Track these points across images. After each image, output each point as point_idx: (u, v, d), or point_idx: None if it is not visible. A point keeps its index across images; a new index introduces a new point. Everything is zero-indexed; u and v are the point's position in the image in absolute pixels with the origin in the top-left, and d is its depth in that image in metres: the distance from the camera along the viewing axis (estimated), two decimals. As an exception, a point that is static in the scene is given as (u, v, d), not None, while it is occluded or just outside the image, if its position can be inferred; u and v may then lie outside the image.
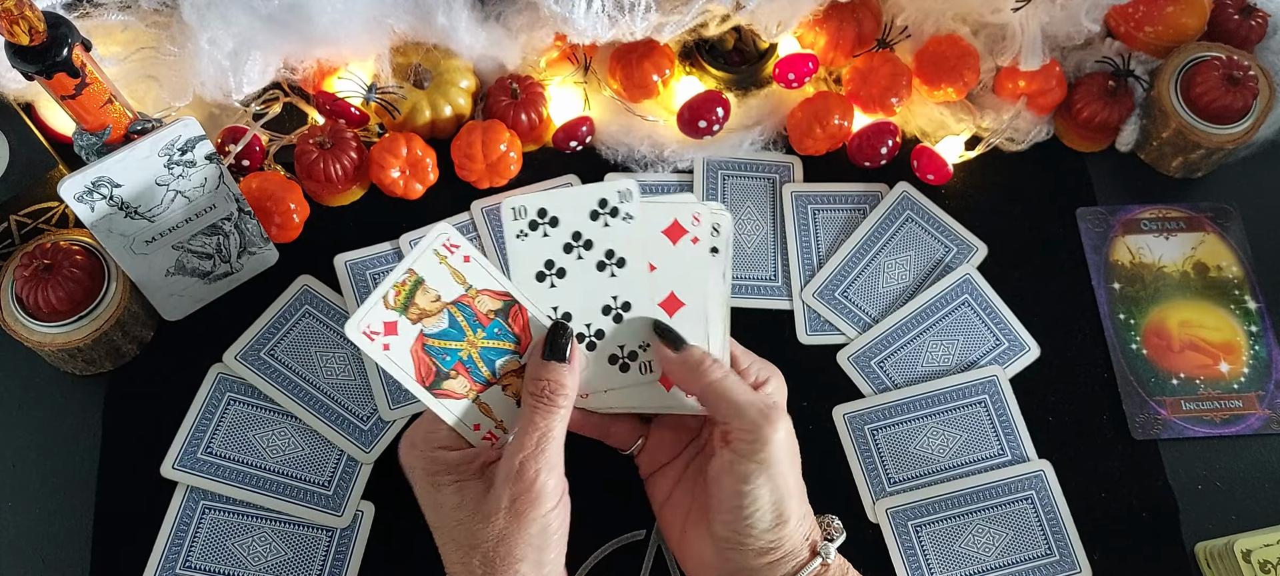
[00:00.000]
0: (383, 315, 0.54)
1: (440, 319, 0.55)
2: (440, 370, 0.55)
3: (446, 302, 0.55)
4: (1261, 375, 0.71)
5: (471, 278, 0.55)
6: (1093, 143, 0.79)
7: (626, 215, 0.57)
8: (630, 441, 0.62)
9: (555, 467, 0.53)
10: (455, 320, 0.55)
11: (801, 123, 0.76)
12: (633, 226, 0.57)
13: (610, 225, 0.57)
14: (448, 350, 0.55)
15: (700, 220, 0.58)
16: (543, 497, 0.52)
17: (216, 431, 0.67)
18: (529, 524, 0.51)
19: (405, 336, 0.54)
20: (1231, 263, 0.75)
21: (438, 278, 0.55)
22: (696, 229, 0.58)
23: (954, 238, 0.75)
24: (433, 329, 0.55)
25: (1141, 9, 0.77)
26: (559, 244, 0.57)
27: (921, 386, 0.70)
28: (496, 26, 0.74)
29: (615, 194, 0.56)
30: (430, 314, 0.54)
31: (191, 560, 0.64)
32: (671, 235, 0.59)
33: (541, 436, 0.53)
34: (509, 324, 0.56)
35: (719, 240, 0.59)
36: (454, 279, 0.55)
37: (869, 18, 0.77)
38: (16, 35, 0.56)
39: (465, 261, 0.55)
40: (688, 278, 0.58)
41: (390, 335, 0.54)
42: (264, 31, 0.69)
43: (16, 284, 0.65)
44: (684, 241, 0.58)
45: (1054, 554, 0.66)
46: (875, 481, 0.68)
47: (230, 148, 0.72)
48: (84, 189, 0.60)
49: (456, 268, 0.55)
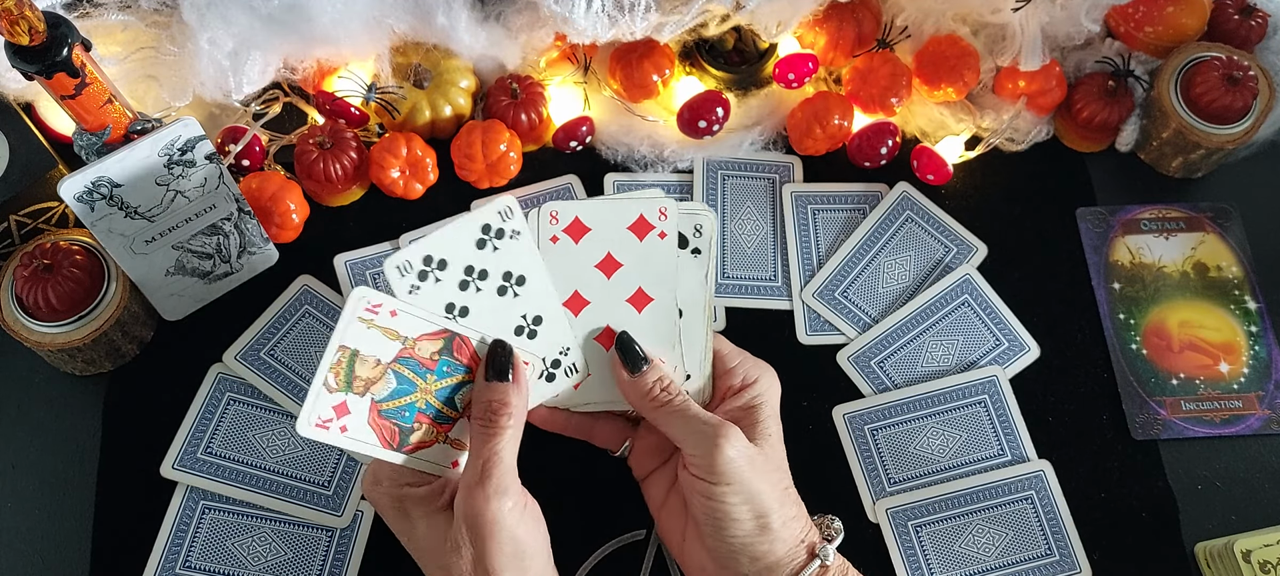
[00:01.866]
0: (329, 400, 0.51)
1: (387, 381, 0.53)
2: (402, 427, 0.54)
3: (387, 364, 0.53)
4: (1261, 375, 0.71)
5: (404, 330, 0.53)
6: (1093, 143, 0.79)
7: (513, 232, 0.55)
8: (617, 442, 0.62)
9: (507, 490, 0.52)
10: (402, 376, 0.53)
11: (801, 123, 0.76)
12: (522, 241, 0.55)
13: (500, 248, 0.55)
14: (403, 407, 0.54)
15: (666, 215, 0.57)
16: (499, 522, 0.51)
17: (216, 431, 0.67)
18: (498, 548, 0.51)
19: (358, 411, 0.52)
20: (1231, 263, 0.75)
21: (371, 343, 0.52)
22: (663, 224, 0.57)
23: (954, 238, 0.75)
24: (382, 393, 0.53)
25: (1141, 9, 0.77)
26: (454, 283, 0.55)
27: (921, 386, 0.70)
28: (496, 26, 0.74)
29: (496, 215, 0.55)
30: (376, 380, 0.52)
31: (191, 560, 0.64)
32: (638, 231, 0.58)
33: (486, 462, 0.52)
34: (455, 357, 0.55)
35: (702, 241, 0.59)
36: (387, 337, 0.53)
37: (869, 18, 0.77)
38: (16, 35, 0.56)
39: (392, 316, 0.53)
40: (656, 272, 0.58)
41: (343, 416, 0.52)
42: (264, 31, 0.69)
43: (16, 284, 0.65)
44: (651, 237, 0.58)
45: (1054, 554, 0.66)
46: (875, 481, 0.68)
47: (230, 148, 0.72)
48: (84, 189, 0.60)
49: (386, 326, 0.53)
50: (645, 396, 0.57)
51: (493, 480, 0.52)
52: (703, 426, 0.55)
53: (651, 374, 0.57)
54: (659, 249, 0.58)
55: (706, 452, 0.54)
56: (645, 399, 0.57)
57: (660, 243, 0.58)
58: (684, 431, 0.55)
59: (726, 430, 0.54)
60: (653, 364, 0.57)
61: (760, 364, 0.60)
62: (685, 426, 0.55)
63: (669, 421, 0.56)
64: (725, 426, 0.55)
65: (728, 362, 0.60)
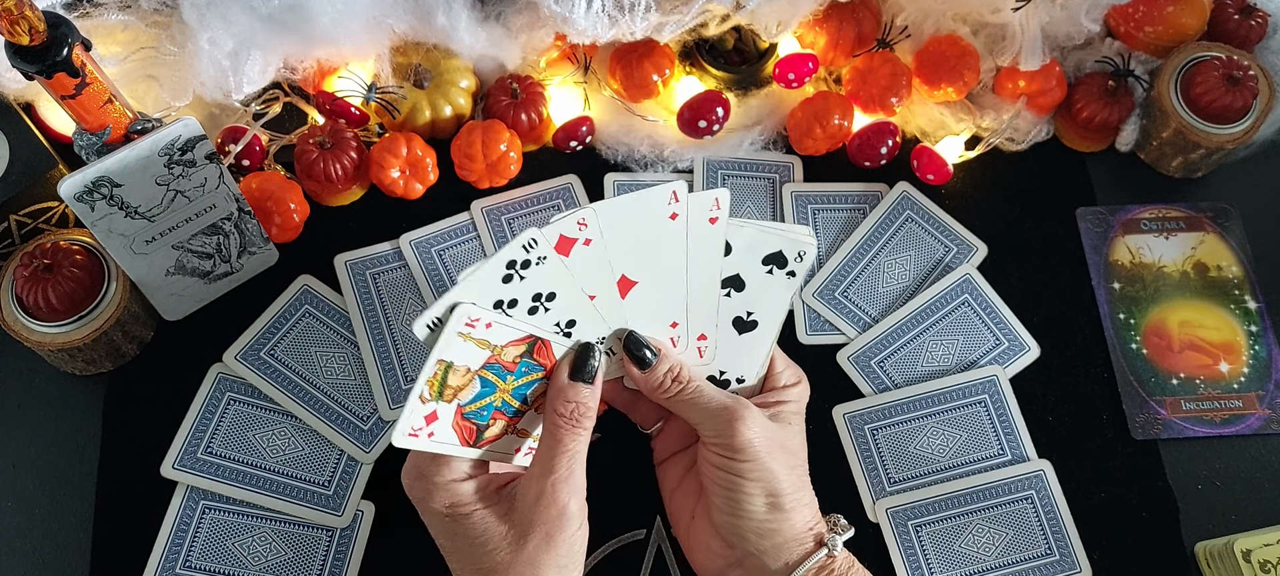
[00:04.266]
0: (421, 410, 0.52)
1: (473, 386, 0.54)
2: (480, 426, 0.55)
3: (475, 370, 0.54)
4: (1261, 375, 0.71)
5: (495, 339, 0.54)
6: (1093, 143, 0.79)
7: (539, 259, 0.55)
8: (651, 421, 0.63)
9: (581, 489, 0.54)
10: (486, 380, 0.54)
11: (801, 122, 0.76)
12: (548, 265, 0.55)
13: (527, 276, 0.55)
14: (483, 407, 0.55)
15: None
16: (570, 520, 0.52)
17: (216, 431, 0.67)
18: (558, 546, 0.52)
19: (445, 417, 0.53)
20: (1231, 262, 0.75)
21: (465, 354, 0.53)
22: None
23: (954, 237, 0.75)
24: (468, 398, 0.54)
25: (1141, 9, 0.77)
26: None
27: (921, 386, 0.70)
28: (496, 26, 0.74)
29: (521, 250, 0.54)
30: (464, 387, 0.54)
31: (191, 560, 0.64)
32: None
33: (571, 457, 0.53)
34: (535, 358, 0.56)
35: (800, 266, 0.58)
36: (479, 348, 0.54)
37: (869, 17, 0.77)
38: (17, 35, 0.56)
39: (488, 328, 0.53)
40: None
41: (432, 423, 0.53)
42: (264, 31, 0.69)
43: (16, 284, 0.65)
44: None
45: (1054, 553, 0.66)
46: (875, 481, 0.68)
47: (230, 147, 0.72)
48: (84, 189, 0.60)
49: (482, 338, 0.54)
50: (658, 388, 0.57)
51: (575, 476, 0.53)
52: (720, 407, 0.56)
53: (661, 365, 0.57)
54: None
55: (725, 430, 0.55)
56: (658, 391, 0.57)
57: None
58: (701, 415, 0.56)
59: (745, 408, 0.55)
60: (662, 355, 0.57)
61: (798, 370, 0.61)
62: (702, 410, 0.56)
63: (685, 408, 0.57)
64: (743, 403, 0.56)
65: (774, 366, 0.61)
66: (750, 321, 0.59)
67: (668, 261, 0.57)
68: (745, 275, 0.59)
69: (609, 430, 0.65)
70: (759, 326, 0.59)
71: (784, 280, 0.59)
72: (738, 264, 0.58)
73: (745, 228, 0.58)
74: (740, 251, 0.58)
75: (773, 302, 0.59)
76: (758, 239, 0.58)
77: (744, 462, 0.54)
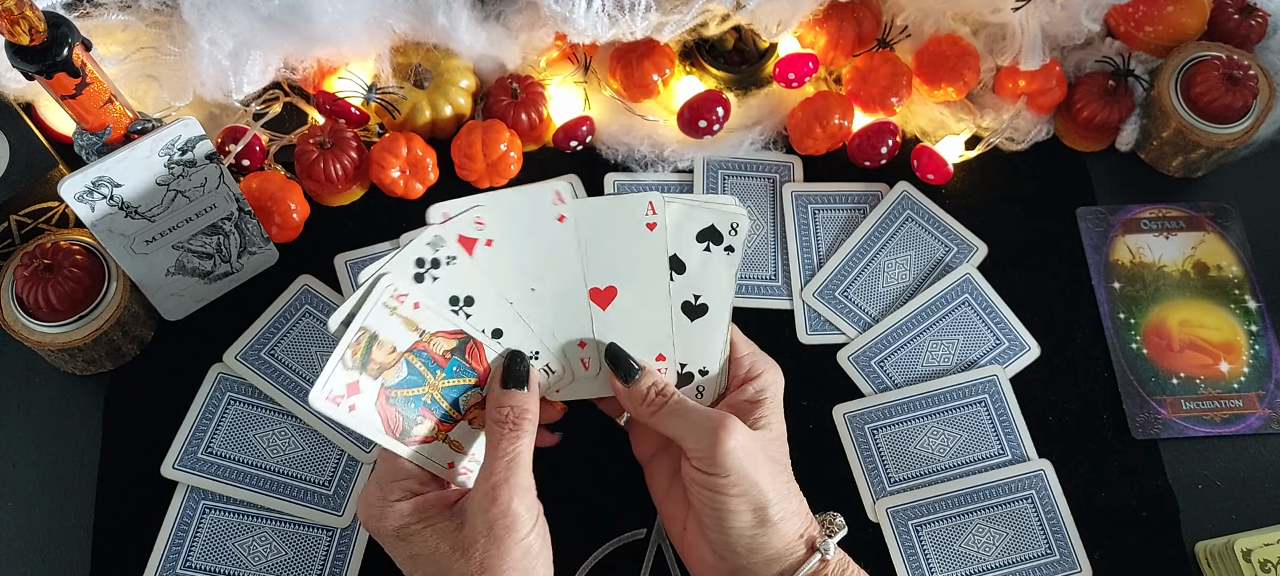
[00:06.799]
0: (344, 376, 0.53)
1: (399, 369, 0.54)
2: (407, 417, 0.55)
3: (402, 352, 0.54)
4: (1261, 375, 0.71)
5: (424, 323, 0.55)
6: (1093, 142, 0.79)
7: (449, 258, 0.56)
8: (618, 410, 0.63)
9: (527, 490, 0.53)
10: (414, 367, 0.55)
11: (801, 122, 0.76)
12: (459, 265, 0.56)
13: (439, 276, 0.56)
14: (410, 398, 0.55)
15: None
16: (519, 521, 0.52)
17: (217, 431, 0.67)
18: (509, 549, 0.51)
19: (368, 393, 0.53)
20: (1231, 262, 0.75)
21: (390, 329, 0.54)
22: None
23: (954, 237, 0.75)
24: (393, 380, 0.54)
25: (1141, 9, 0.77)
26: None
27: (921, 386, 0.70)
28: (496, 26, 0.74)
29: (427, 248, 0.55)
30: (388, 365, 0.54)
31: (192, 560, 0.64)
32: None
33: (510, 460, 0.53)
34: (467, 360, 0.56)
35: (736, 239, 0.59)
36: (407, 327, 0.54)
37: (869, 17, 0.77)
38: (17, 35, 0.56)
39: (415, 308, 0.54)
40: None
41: (353, 395, 0.53)
42: (264, 31, 0.69)
43: (16, 284, 0.65)
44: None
45: (1054, 553, 0.66)
46: (875, 481, 0.68)
47: (230, 147, 0.72)
48: (84, 189, 0.60)
49: (408, 316, 0.54)
50: (642, 402, 0.57)
51: (515, 478, 0.53)
52: (702, 421, 0.55)
53: (645, 380, 0.58)
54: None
55: (707, 446, 0.54)
56: (642, 405, 0.57)
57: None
58: (684, 429, 0.56)
59: (727, 422, 0.55)
60: (645, 370, 0.58)
61: (767, 358, 0.60)
62: (684, 424, 0.56)
63: (668, 422, 0.57)
64: (726, 419, 0.55)
65: (737, 352, 0.60)
66: (700, 305, 0.59)
67: (568, 270, 0.58)
68: (683, 255, 0.58)
69: (609, 430, 0.65)
70: (710, 310, 0.59)
71: (723, 256, 0.58)
72: (673, 243, 0.58)
73: (672, 203, 0.58)
74: (672, 229, 0.58)
75: (718, 283, 0.59)
76: (687, 214, 0.58)
77: (726, 478, 0.54)
